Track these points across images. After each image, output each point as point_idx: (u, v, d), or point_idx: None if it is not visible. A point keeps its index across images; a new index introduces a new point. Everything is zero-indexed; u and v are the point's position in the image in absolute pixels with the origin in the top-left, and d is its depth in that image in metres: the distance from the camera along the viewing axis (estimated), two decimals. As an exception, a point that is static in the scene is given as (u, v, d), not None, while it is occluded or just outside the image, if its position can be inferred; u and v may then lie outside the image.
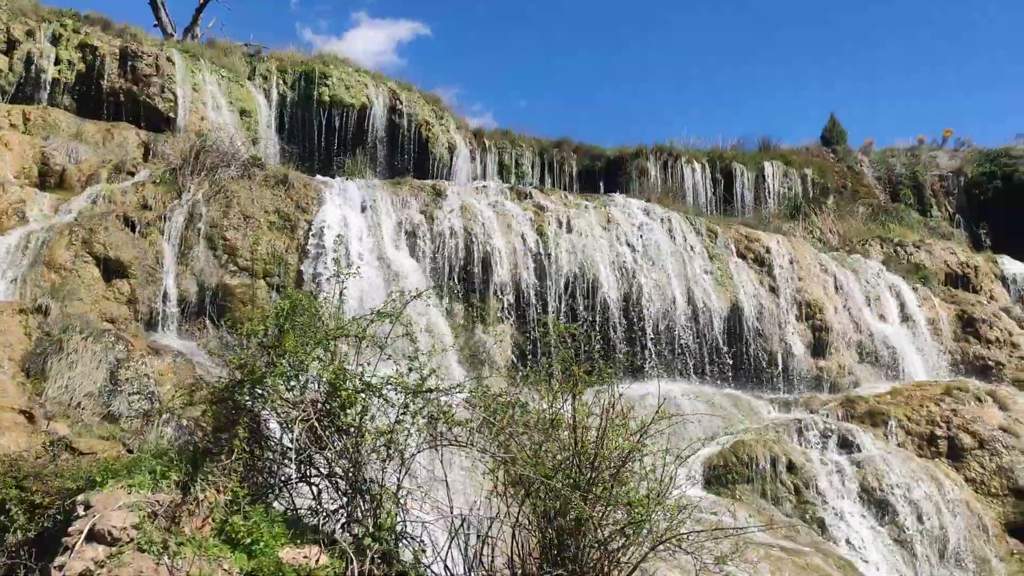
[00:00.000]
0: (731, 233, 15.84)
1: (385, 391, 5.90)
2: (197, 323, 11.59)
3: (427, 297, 7.17)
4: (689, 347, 13.82)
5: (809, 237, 19.21)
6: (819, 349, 14.78)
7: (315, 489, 5.99)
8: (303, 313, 6.24)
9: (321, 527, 5.82)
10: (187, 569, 5.02)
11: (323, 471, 5.96)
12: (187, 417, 7.33)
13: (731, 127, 76.72)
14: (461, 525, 5.80)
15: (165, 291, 11.57)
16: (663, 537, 5.46)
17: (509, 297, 13.20)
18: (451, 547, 5.80)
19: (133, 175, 13.94)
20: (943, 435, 12.40)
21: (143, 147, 15.51)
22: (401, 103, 19.95)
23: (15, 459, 6.14)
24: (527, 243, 13.66)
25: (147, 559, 5.04)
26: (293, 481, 6.08)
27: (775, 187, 21.61)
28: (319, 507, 5.92)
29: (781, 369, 14.25)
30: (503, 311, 13.14)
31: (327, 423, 5.86)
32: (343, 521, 5.79)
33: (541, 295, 13.34)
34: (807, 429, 11.80)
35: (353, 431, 5.82)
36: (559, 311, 13.27)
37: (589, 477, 5.50)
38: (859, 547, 10.25)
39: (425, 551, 5.84)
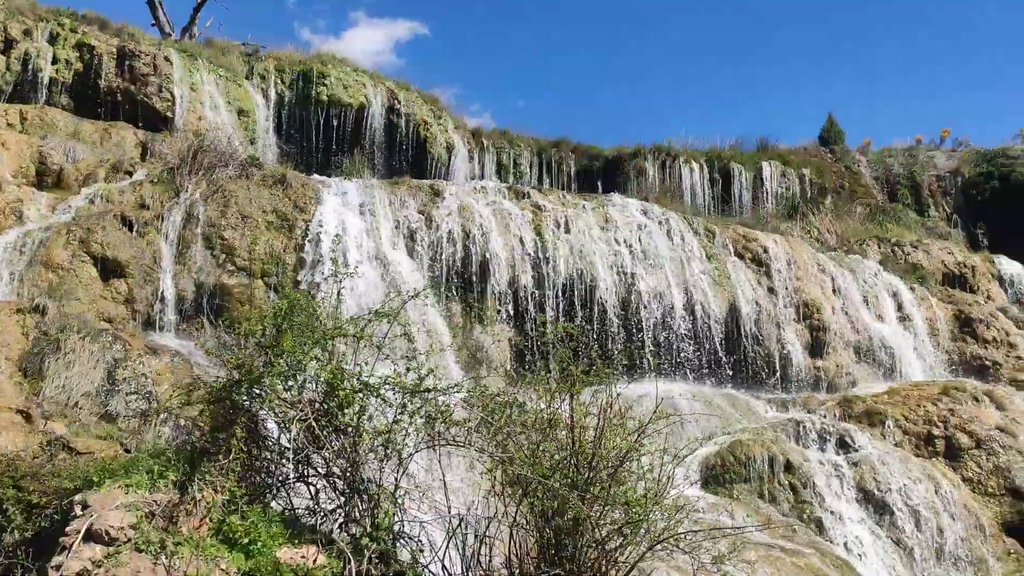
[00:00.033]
0: (729, 233, 15.84)
1: (383, 391, 5.91)
2: (195, 323, 11.57)
3: (425, 297, 7.17)
4: (687, 347, 13.82)
5: (807, 237, 19.22)
6: (817, 349, 14.79)
7: (313, 489, 5.99)
8: (301, 313, 6.25)
9: (319, 527, 5.82)
10: (184, 569, 5.02)
11: (321, 471, 5.96)
12: (185, 417, 7.32)
13: (729, 127, 76.77)
14: (459, 525, 5.80)
15: (163, 291, 11.56)
16: (661, 537, 5.47)
17: (507, 297, 13.20)
18: (449, 547, 5.80)
19: (131, 175, 13.92)
20: (940, 435, 12.42)
21: (141, 147, 15.51)
22: (399, 103, 19.94)
23: (12, 459, 6.13)
24: (525, 243, 13.65)
25: (144, 559, 5.04)
26: (291, 481, 6.08)
27: (773, 187, 21.63)
28: (317, 507, 5.93)
29: (779, 369, 14.26)
30: (501, 311, 13.14)
31: (325, 423, 5.86)
32: (341, 521, 5.80)
33: (539, 295, 13.34)
34: (805, 429, 11.82)
35: (351, 431, 5.83)
36: (557, 311, 13.27)
37: (587, 477, 5.51)
38: (856, 547, 10.27)
39: (423, 551, 5.84)
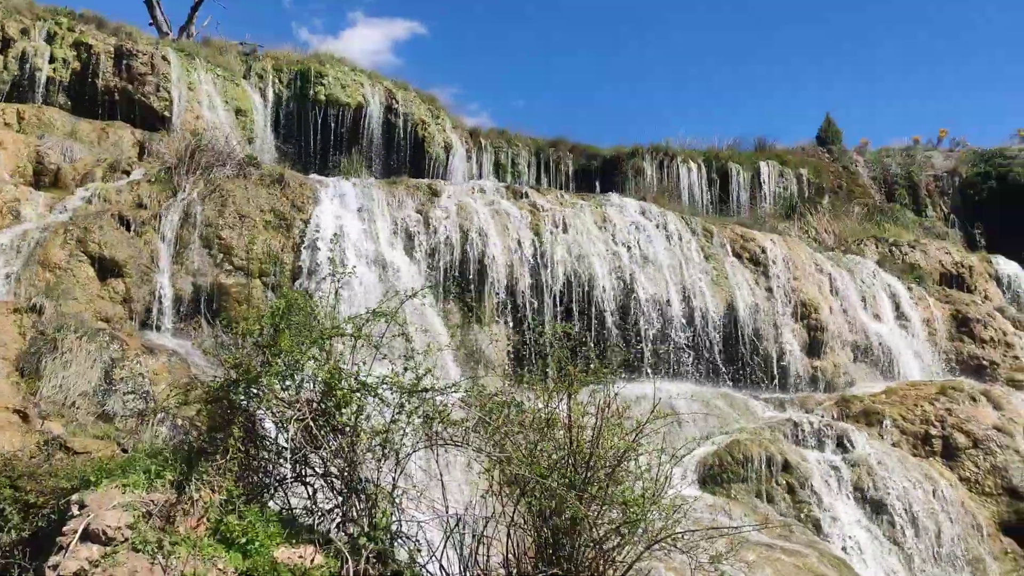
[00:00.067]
0: (727, 233, 15.83)
1: (381, 390, 5.91)
2: (192, 322, 11.56)
3: (423, 296, 7.17)
4: (685, 347, 13.82)
5: (805, 237, 19.25)
6: (814, 349, 14.80)
7: (310, 489, 5.99)
8: (298, 312, 6.24)
9: (316, 527, 5.82)
10: (182, 569, 5.02)
11: (318, 470, 5.95)
12: (182, 416, 7.31)
13: (729, 127, 76.87)
14: (456, 524, 5.81)
15: (160, 290, 11.54)
16: (658, 536, 5.47)
17: (505, 296, 13.19)
18: (446, 546, 5.80)
19: (128, 174, 13.89)
20: (937, 434, 12.44)
21: (138, 146, 15.49)
22: (397, 102, 19.94)
23: (9, 459, 6.13)
24: (523, 243, 13.65)
25: (142, 559, 5.03)
26: (288, 480, 6.08)
27: (771, 187, 21.65)
28: (314, 506, 5.92)
29: (776, 369, 14.27)
30: (499, 311, 13.13)
31: (322, 422, 5.86)
32: (338, 521, 5.79)
33: (537, 295, 13.33)
34: (802, 429, 11.83)
35: (349, 430, 5.82)
36: (555, 310, 13.27)
37: (584, 476, 5.51)
38: (854, 546, 10.27)
39: (420, 550, 5.84)
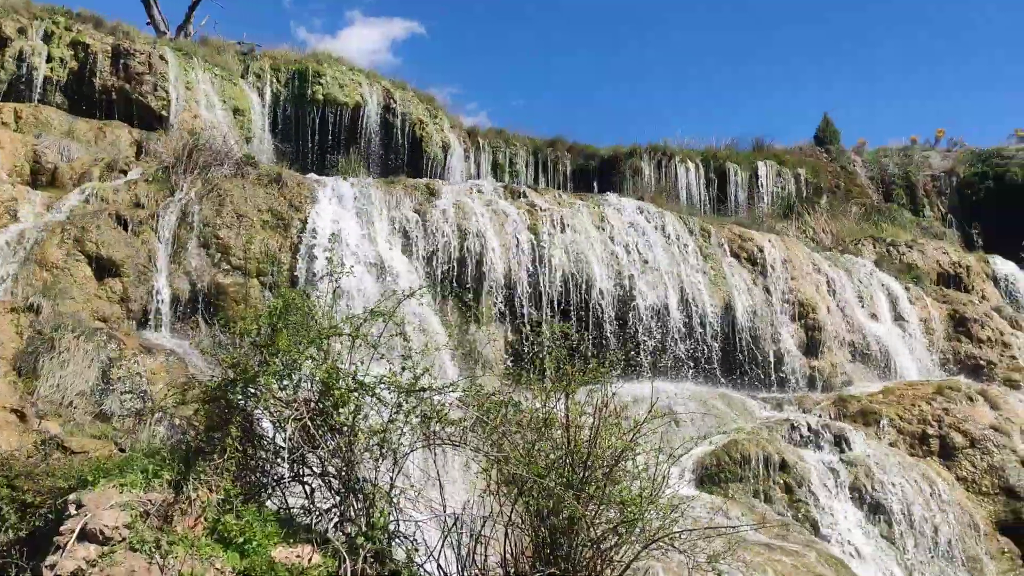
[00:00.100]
0: (725, 233, 15.84)
1: (378, 390, 5.91)
2: (190, 322, 11.55)
3: (420, 296, 7.17)
4: (682, 347, 13.83)
5: (802, 237, 19.26)
6: (812, 348, 14.82)
7: (308, 488, 5.99)
8: (296, 312, 6.24)
9: (314, 526, 5.82)
10: (179, 568, 5.02)
11: (316, 470, 5.96)
12: (179, 416, 7.31)
13: (729, 127, 76.94)
14: (454, 524, 5.81)
15: (158, 290, 11.53)
16: (656, 536, 5.48)
17: (502, 296, 13.19)
18: (444, 546, 5.81)
19: (125, 173, 13.88)
20: (935, 434, 12.46)
21: (136, 145, 15.47)
22: (395, 102, 19.93)
23: (6, 458, 6.13)
24: (521, 242, 13.65)
25: (139, 558, 5.03)
26: (286, 480, 6.08)
27: (768, 187, 21.67)
28: (312, 506, 5.93)
29: (774, 368, 14.28)
30: (497, 310, 13.13)
31: (320, 422, 5.86)
32: (336, 520, 5.79)
33: (535, 294, 13.33)
34: (800, 428, 11.83)
35: (346, 430, 5.83)
36: (553, 310, 13.27)
37: (582, 476, 5.52)
38: (851, 546, 10.29)
39: (418, 550, 5.84)
